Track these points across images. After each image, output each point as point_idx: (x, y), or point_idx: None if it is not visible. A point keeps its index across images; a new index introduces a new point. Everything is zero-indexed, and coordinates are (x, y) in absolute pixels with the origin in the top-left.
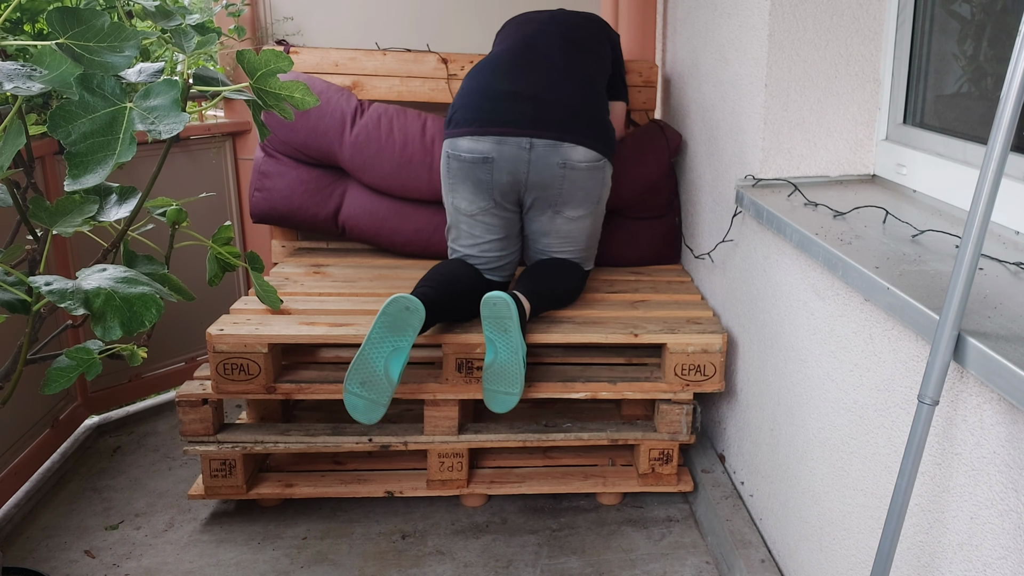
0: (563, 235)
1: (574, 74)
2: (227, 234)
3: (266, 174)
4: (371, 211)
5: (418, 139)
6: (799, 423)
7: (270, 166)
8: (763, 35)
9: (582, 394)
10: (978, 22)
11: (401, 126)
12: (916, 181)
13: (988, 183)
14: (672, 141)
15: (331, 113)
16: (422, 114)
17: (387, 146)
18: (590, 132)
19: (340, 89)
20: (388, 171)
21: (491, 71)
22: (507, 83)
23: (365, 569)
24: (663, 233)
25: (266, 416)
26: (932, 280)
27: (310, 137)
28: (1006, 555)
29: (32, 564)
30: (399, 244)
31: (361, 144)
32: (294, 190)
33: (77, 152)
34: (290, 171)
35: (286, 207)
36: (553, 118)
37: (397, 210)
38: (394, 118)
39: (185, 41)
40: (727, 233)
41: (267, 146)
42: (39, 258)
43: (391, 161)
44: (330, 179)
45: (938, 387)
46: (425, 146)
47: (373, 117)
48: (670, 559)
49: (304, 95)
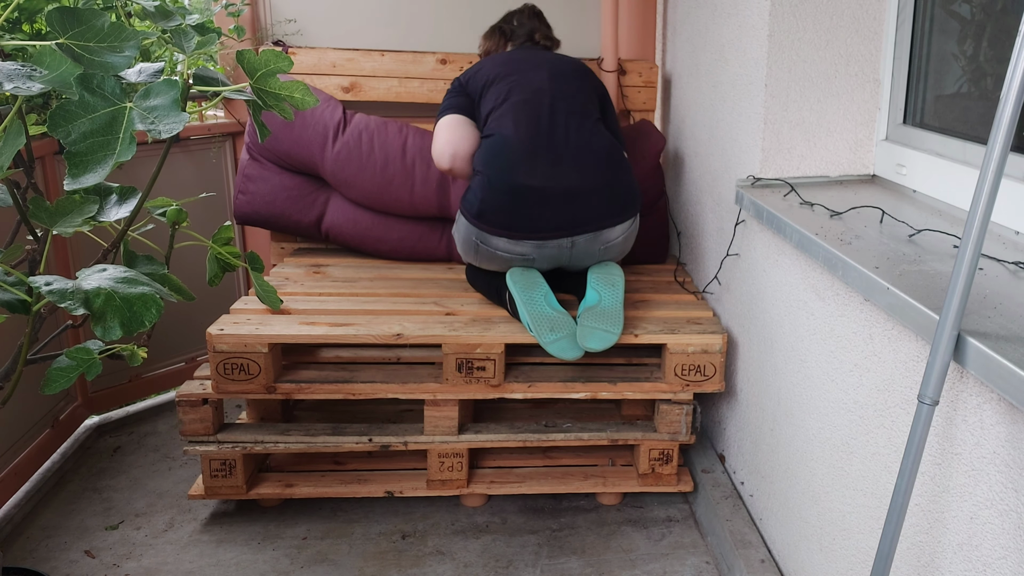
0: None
1: (595, 149)
2: (227, 234)
3: (250, 177)
4: (354, 220)
5: (399, 158)
6: (799, 423)
7: (254, 170)
8: (763, 35)
9: (582, 394)
10: (978, 22)
11: (382, 143)
12: (916, 181)
13: (988, 183)
14: (656, 143)
15: (314, 126)
16: (403, 128)
17: (368, 164)
18: (624, 204)
19: (327, 98)
20: (370, 189)
21: (509, 164)
22: (534, 178)
23: (365, 569)
24: (650, 231)
25: (266, 416)
26: (932, 280)
27: (293, 148)
28: (1006, 555)
29: (32, 564)
30: (384, 252)
31: (343, 161)
32: (277, 195)
33: (77, 152)
34: (273, 176)
35: (268, 211)
36: (591, 213)
37: (380, 220)
38: (375, 134)
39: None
40: (730, 246)
41: (252, 148)
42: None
43: (372, 180)
44: (313, 187)
45: (938, 387)
46: (406, 167)
47: (355, 133)
48: (670, 559)
49: (304, 95)
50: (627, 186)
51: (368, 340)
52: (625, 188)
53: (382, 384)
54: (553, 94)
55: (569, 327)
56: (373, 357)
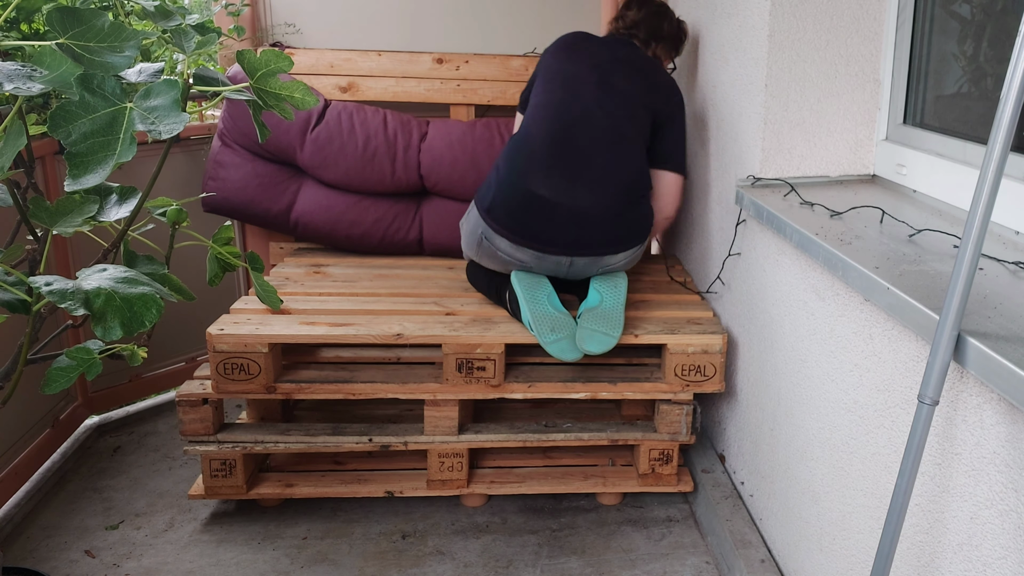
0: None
1: (617, 174)
2: (227, 234)
3: (221, 164)
4: (327, 206)
5: (380, 132)
6: (799, 423)
7: (226, 156)
8: (763, 35)
9: (582, 394)
10: (978, 22)
11: (362, 121)
12: (916, 181)
13: (988, 183)
14: None
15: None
16: (379, 110)
17: (350, 141)
18: (629, 236)
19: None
20: (351, 166)
21: (526, 169)
22: (547, 189)
23: (365, 569)
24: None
25: (266, 416)
26: (932, 280)
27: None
28: (1006, 555)
29: (32, 564)
30: (355, 237)
31: (323, 142)
32: (248, 183)
33: (77, 152)
34: (246, 163)
35: (239, 199)
36: (595, 239)
37: (355, 203)
38: (354, 114)
39: (185, 41)
40: (731, 246)
41: (225, 135)
42: (39, 258)
43: (354, 156)
44: (285, 175)
45: (938, 387)
46: (388, 140)
47: (333, 115)
48: (670, 559)
49: (304, 95)
50: (640, 219)
51: (368, 340)
52: (637, 220)
53: (382, 384)
54: (591, 104)
55: (570, 328)
56: (373, 357)
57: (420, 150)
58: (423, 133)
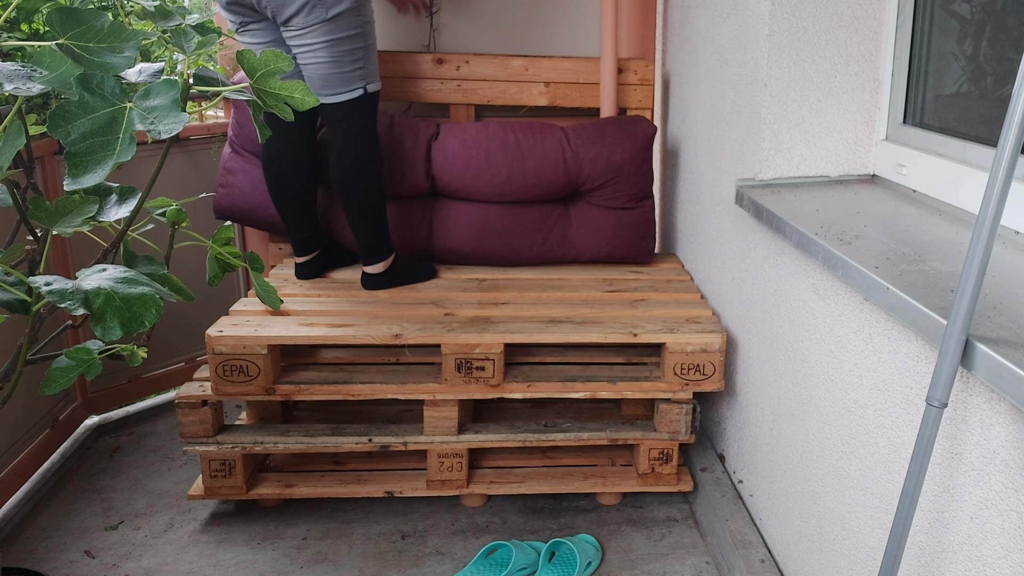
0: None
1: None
2: (227, 234)
3: (231, 170)
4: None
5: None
6: (799, 423)
7: (235, 163)
8: (763, 35)
9: (582, 394)
10: (978, 22)
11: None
12: (916, 181)
13: (999, 184)
14: (647, 128)
15: None
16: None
17: None
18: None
19: None
20: None
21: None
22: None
23: (365, 569)
24: (633, 226)
25: (266, 417)
26: (932, 280)
27: None
28: (1007, 555)
29: (32, 564)
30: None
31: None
32: (256, 188)
33: (77, 152)
34: (255, 169)
35: (247, 204)
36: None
37: None
38: None
39: (185, 41)
40: (731, 246)
41: (235, 142)
42: (39, 258)
43: None
44: None
45: (947, 390)
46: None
47: None
48: (670, 559)
49: (304, 95)
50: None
51: (367, 341)
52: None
53: (381, 385)
54: None
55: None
56: (372, 357)
57: (431, 149)
58: (432, 134)
